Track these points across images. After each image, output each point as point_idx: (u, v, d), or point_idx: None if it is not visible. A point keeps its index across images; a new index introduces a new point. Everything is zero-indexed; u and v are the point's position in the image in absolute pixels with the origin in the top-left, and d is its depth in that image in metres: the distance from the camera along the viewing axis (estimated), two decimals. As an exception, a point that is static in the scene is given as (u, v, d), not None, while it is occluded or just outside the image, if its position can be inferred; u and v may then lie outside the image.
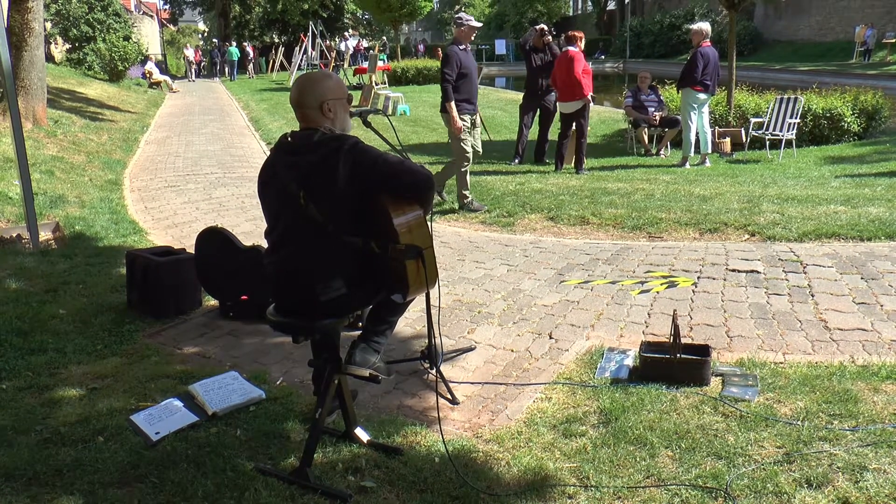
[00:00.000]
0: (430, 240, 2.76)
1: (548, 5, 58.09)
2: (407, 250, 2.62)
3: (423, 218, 2.76)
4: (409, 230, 2.67)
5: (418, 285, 2.73)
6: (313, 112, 2.80)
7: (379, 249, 2.68)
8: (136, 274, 4.75)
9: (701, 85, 9.35)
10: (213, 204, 8.15)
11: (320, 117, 2.81)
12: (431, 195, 2.85)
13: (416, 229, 2.70)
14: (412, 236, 2.67)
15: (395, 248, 2.63)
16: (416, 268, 2.66)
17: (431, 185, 2.80)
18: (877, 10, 34.25)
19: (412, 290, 2.72)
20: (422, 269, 2.67)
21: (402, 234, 2.63)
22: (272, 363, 4.05)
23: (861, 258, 5.02)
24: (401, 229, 2.64)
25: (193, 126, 16.09)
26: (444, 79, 7.23)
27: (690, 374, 3.45)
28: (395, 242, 2.63)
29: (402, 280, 2.68)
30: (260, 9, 47.26)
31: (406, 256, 2.62)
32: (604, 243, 6.10)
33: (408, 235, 2.65)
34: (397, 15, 29.81)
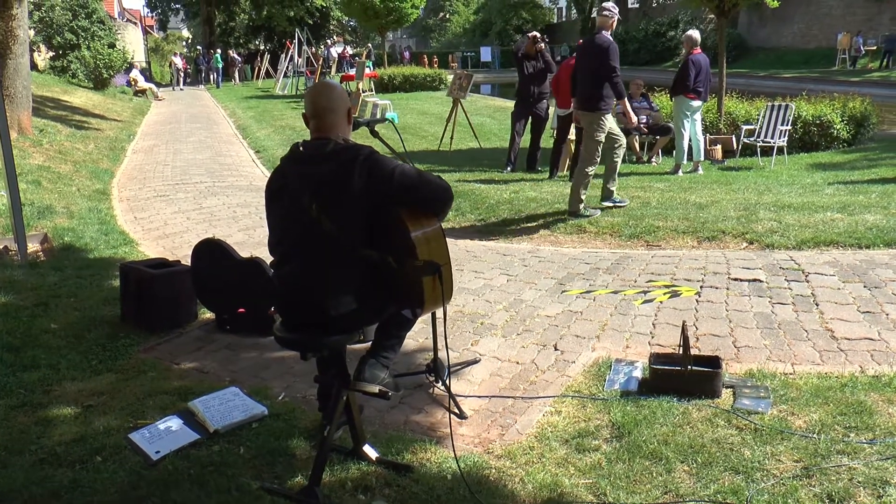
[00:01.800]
0: (448, 255, 2.69)
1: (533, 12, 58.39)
2: (425, 266, 2.55)
3: (441, 231, 2.70)
4: (426, 244, 2.60)
5: (433, 302, 2.66)
6: (340, 119, 2.75)
7: (396, 265, 2.61)
8: (130, 287, 4.65)
9: (694, 92, 9.34)
10: (203, 214, 8.04)
11: (344, 125, 2.76)
12: (449, 207, 2.79)
13: (434, 243, 2.64)
14: (429, 250, 2.60)
15: (412, 263, 2.56)
16: (432, 284, 2.60)
17: (450, 198, 2.74)
18: (857, 17, 34.67)
19: (427, 307, 2.66)
20: (438, 285, 2.60)
21: (419, 249, 2.57)
22: (273, 378, 3.96)
23: (862, 266, 5.00)
24: (418, 243, 2.58)
25: (180, 134, 15.94)
26: (616, 72, 6.78)
27: (702, 386, 3.40)
28: (412, 257, 2.56)
29: (418, 296, 2.61)
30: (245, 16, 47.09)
31: (424, 272, 2.56)
32: (602, 252, 6.06)
33: (425, 249, 2.58)
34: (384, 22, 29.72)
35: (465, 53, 51.26)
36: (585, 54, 7.10)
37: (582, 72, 7.10)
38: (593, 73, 6.89)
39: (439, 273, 2.59)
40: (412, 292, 2.64)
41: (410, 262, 2.56)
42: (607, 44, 6.82)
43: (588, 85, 6.94)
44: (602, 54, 6.77)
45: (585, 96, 6.97)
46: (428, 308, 2.69)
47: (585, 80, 6.99)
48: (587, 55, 7.04)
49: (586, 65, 7.03)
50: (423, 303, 2.62)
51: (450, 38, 73.88)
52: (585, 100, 6.97)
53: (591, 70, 6.92)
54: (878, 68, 30.27)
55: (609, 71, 6.78)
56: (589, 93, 6.91)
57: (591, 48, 6.97)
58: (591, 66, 6.94)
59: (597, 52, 6.84)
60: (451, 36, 74.03)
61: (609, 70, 6.78)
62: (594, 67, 6.88)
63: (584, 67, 7.08)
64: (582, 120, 7.13)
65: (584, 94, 6.98)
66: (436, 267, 2.57)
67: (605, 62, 6.77)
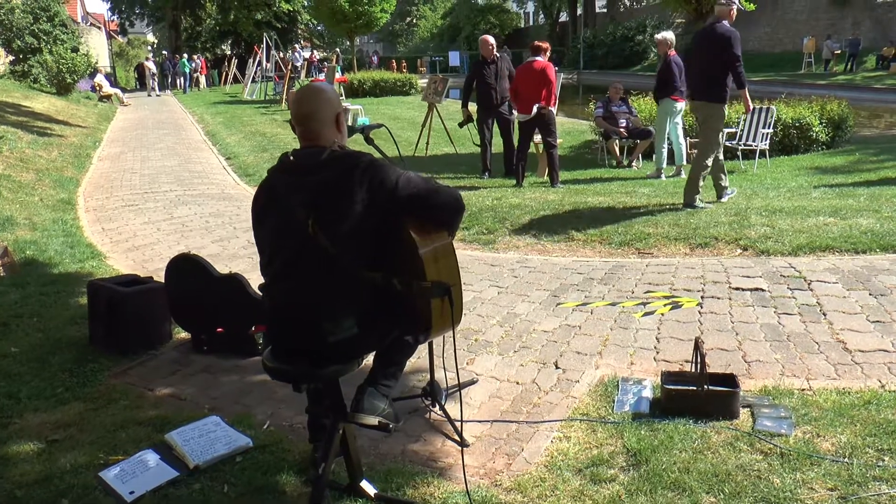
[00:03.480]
0: (458, 273, 2.44)
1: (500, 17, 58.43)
2: (433, 288, 2.30)
3: (451, 247, 2.45)
4: (435, 262, 2.35)
5: (441, 326, 2.42)
6: (327, 127, 2.48)
7: (402, 287, 2.35)
8: (99, 306, 4.33)
9: (678, 93, 9.19)
10: (175, 224, 7.70)
11: (333, 132, 2.49)
12: (460, 219, 2.54)
13: (444, 260, 2.39)
14: (438, 268, 2.35)
15: (420, 285, 2.31)
16: (441, 306, 2.35)
17: (462, 208, 2.49)
18: (822, 22, 35.26)
19: (434, 332, 2.41)
20: (447, 308, 2.36)
21: (427, 266, 2.32)
22: (256, 404, 3.68)
23: (864, 273, 4.86)
24: (427, 261, 2.33)
25: (148, 141, 15.47)
26: (740, 61, 6.69)
27: (719, 406, 3.20)
28: (419, 278, 2.31)
29: (425, 321, 2.37)
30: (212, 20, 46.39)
31: (432, 295, 2.31)
32: (593, 261, 5.86)
33: (433, 267, 2.34)
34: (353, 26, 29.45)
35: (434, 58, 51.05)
36: (703, 45, 6.94)
37: (700, 62, 6.96)
38: (713, 62, 6.76)
39: (449, 295, 2.34)
40: (419, 316, 2.40)
41: (418, 285, 2.32)
42: (730, 33, 6.72)
43: (708, 75, 6.82)
44: (725, 43, 6.67)
45: (705, 86, 6.86)
46: (435, 333, 2.44)
47: (704, 71, 6.87)
48: (705, 45, 6.89)
49: (705, 55, 6.87)
50: (430, 328, 2.38)
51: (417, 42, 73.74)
52: (705, 90, 6.86)
53: (711, 60, 6.78)
54: (842, 71, 30.72)
55: (733, 59, 6.69)
56: (709, 82, 6.81)
57: (711, 38, 6.83)
58: (710, 55, 6.79)
59: (719, 41, 6.71)
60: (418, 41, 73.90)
61: (733, 59, 6.69)
62: (714, 57, 6.75)
63: (702, 58, 6.92)
64: (700, 110, 7.04)
65: (704, 84, 6.88)
66: (445, 288, 2.33)
67: (729, 51, 6.67)
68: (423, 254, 2.33)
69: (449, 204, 2.45)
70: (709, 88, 6.82)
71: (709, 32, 6.95)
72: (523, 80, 8.94)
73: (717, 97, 6.80)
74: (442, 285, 2.32)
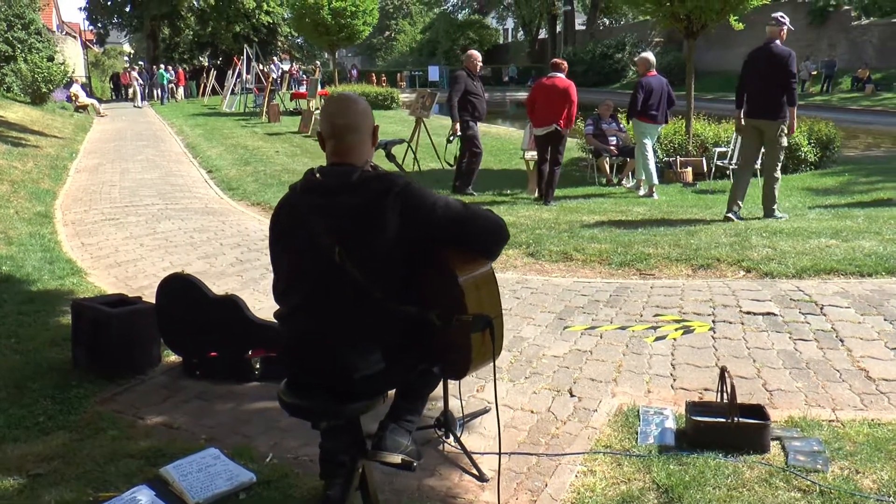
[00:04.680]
0: (500, 303, 2.26)
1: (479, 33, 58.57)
2: (475, 321, 2.11)
3: (493, 275, 2.27)
4: (476, 291, 2.17)
5: (481, 361, 2.23)
6: (364, 140, 2.30)
7: (440, 321, 2.16)
8: (83, 327, 4.08)
9: (646, 115, 9.33)
10: (158, 239, 7.43)
11: (369, 147, 2.31)
12: (503, 246, 2.36)
13: (485, 289, 2.21)
14: (480, 299, 2.17)
15: (460, 319, 2.11)
16: (481, 340, 2.16)
17: (507, 235, 2.31)
18: (799, 43, 35.66)
19: (473, 367, 2.22)
20: (488, 342, 2.17)
21: (468, 296, 2.13)
22: (256, 434, 3.46)
23: (875, 297, 4.76)
24: (467, 291, 2.14)
25: (127, 152, 15.13)
26: (794, 78, 7.02)
27: (749, 439, 3.05)
28: (459, 309, 2.12)
29: (463, 356, 2.18)
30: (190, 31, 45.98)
31: (473, 329, 2.12)
32: (595, 282, 5.71)
33: (475, 298, 2.15)
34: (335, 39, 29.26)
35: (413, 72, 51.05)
36: (760, 64, 7.17)
37: (757, 82, 7.18)
38: (772, 81, 7.02)
39: (491, 328, 2.16)
40: (457, 352, 2.21)
41: (458, 319, 2.12)
42: (786, 52, 7.01)
43: (768, 94, 7.08)
44: (782, 62, 6.96)
45: (767, 105, 7.12)
46: (473, 369, 2.26)
47: (764, 90, 7.11)
48: (762, 65, 7.14)
49: (762, 74, 7.12)
50: (468, 363, 2.19)
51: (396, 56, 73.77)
52: (767, 108, 7.12)
53: (770, 79, 7.04)
54: (819, 92, 31.18)
55: (789, 77, 6.99)
56: (771, 101, 7.09)
57: (768, 58, 7.08)
58: (768, 75, 7.06)
59: (776, 60, 6.98)
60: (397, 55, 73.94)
61: (789, 76, 6.98)
62: (773, 76, 7.01)
63: (760, 77, 7.15)
64: (762, 128, 7.25)
65: (765, 102, 7.14)
66: (487, 321, 2.14)
67: (786, 70, 6.95)
68: (462, 283, 2.14)
69: (492, 232, 2.27)
70: (768, 106, 7.09)
71: (765, 53, 7.16)
72: (544, 96, 8.92)
73: (780, 114, 7.08)
74: (483, 318, 2.14)
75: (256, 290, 5.80)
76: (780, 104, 7.04)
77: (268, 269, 6.37)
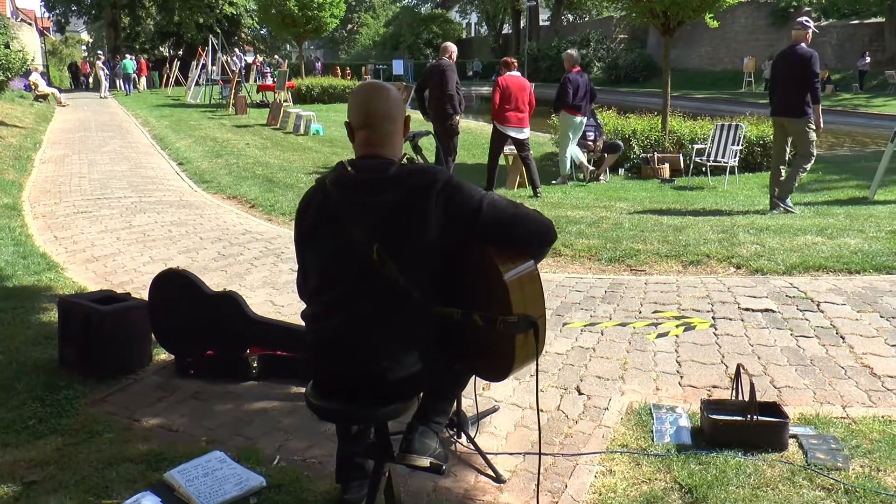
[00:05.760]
0: (543, 303, 2.18)
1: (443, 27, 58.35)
2: (520, 322, 2.03)
3: (537, 271, 2.18)
4: (520, 290, 2.08)
5: (522, 362, 2.15)
6: (398, 130, 2.19)
7: (484, 323, 2.07)
8: (73, 325, 3.90)
9: (574, 108, 10.01)
10: (135, 233, 7.20)
11: (400, 139, 2.21)
12: (548, 249, 2.28)
13: (529, 287, 2.12)
14: (524, 297, 2.08)
15: (506, 321, 2.03)
16: (524, 341, 2.09)
17: (555, 237, 2.22)
18: (760, 42, 36.46)
19: (516, 368, 2.15)
20: (531, 342, 2.09)
21: (513, 296, 2.04)
22: (260, 436, 3.34)
23: (868, 294, 4.81)
24: (512, 290, 2.05)
25: (92, 144, 14.71)
26: (817, 77, 7.32)
27: (767, 437, 3.03)
28: (504, 309, 2.04)
29: (505, 357, 2.10)
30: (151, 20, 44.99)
31: (518, 330, 2.04)
32: (587, 278, 5.68)
33: (519, 296, 2.07)
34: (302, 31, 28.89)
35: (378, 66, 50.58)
36: (786, 66, 7.58)
37: (784, 81, 7.59)
38: (797, 81, 7.38)
39: (535, 329, 2.08)
40: (498, 353, 2.12)
41: (503, 321, 2.04)
42: (810, 54, 7.37)
43: (794, 93, 7.41)
44: (806, 63, 7.31)
45: (792, 104, 7.45)
46: (515, 371, 2.18)
47: (790, 89, 7.47)
48: (788, 66, 7.53)
49: (788, 74, 7.51)
50: (511, 365, 2.11)
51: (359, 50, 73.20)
52: (793, 107, 7.46)
53: (794, 79, 7.41)
54: (781, 91, 31.71)
55: (812, 77, 7.32)
56: (796, 100, 7.40)
57: (793, 59, 7.46)
58: (793, 75, 7.43)
59: (801, 61, 7.36)
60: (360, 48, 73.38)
61: (812, 76, 7.32)
62: (798, 76, 7.37)
63: (786, 77, 7.56)
64: (790, 126, 7.60)
65: (791, 101, 7.47)
66: (531, 322, 2.07)
67: (809, 69, 7.30)
68: (508, 281, 2.05)
69: (539, 233, 2.17)
70: (794, 105, 7.43)
71: (790, 54, 7.55)
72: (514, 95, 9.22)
73: (805, 112, 7.39)
74: (528, 318, 2.06)
75: (242, 285, 5.65)
76: (804, 102, 7.33)
77: (252, 263, 6.25)
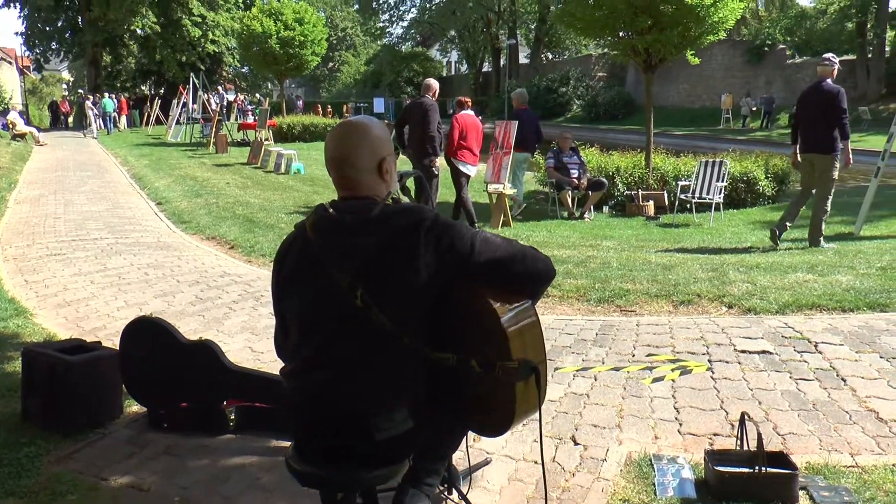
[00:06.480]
0: (544, 347, 2.03)
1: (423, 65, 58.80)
2: (520, 369, 1.88)
3: (536, 315, 2.03)
4: (520, 336, 1.93)
5: (524, 413, 1.99)
6: (367, 175, 2.03)
7: (481, 369, 1.92)
8: (37, 377, 3.68)
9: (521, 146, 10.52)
10: (110, 276, 6.97)
11: (377, 182, 2.04)
12: (546, 288, 2.13)
13: (529, 333, 1.97)
14: (524, 343, 1.93)
15: (506, 367, 1.88)
16: (524, 390, 1.93)
17: (552, 275, 2.08)
18: (737, 80, 37.09)
19: (517, 419, 1.98)
20: (533, 390, 1.94)
21: (513, 342, 1.89)
22: (237, 494, 3.12)
23: (865, 334, 4.70)
24: (512, 335, 1.90)
25: (70, 183, 14.46)
26: (846, 114, 7.32)
27: (776, 490, 2.86)
28: (502, 356, 1.89)
29: (505, 407, 1.94)
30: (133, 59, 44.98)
31: (518, 377, 1.88)
32: (576, 319, 5.54)
33: (519, 342, 1.92)
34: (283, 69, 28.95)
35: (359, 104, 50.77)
36: (812, 102, 7.55)
37: (810, 118, 7.55)
38: (822, 117, 7.37)
39: (537, 375, 1.93)
40: (498, 404, 1.96)
41: (503, 366, 1.89)
42: (836, 90, 7.36)
43: (821, 129, 7.40)
44: (833, 99, 7.30)
45: (819, 140, 7.44)
46: (516, 422, 2.01)
47: (817, 126, 7.44)
48: (814, 102, 7.50)
49: (814, 111, 7.49)
50: (512, 416, 1.95)
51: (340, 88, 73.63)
52: (819, 143, 7.45)
53: (820, 115, 7.40)
54: (759, 128, 32.24)
55: (839, 113, 7.30)
56: (822, 136, 7.40)
57: (819, 95, 7.44)
58: (818, 111, 7.42)
59: (827, 98, 7.34)
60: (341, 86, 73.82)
61: (840, 112, 7.30)
62: (822, 112, 7.37)
63: (812, 114, 7.52)
64: (817, 163, 7.52)
65: (817, 138, 7.46)
66: (532, 367, 1.91)
67: (836, 106, 7.29)
68: (506, 326, 1.90)
69: (537, 273, 2.03)
70: (820, 141, 7.43)
71: (816, 91, 7.54)
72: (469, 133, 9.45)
73: (832, 148, 7.38)
74: (529, 364, 1.91)
75: (220, 330, 5.44)
76: (832, 139, 7.35)
77: (230, 308, 6.04)
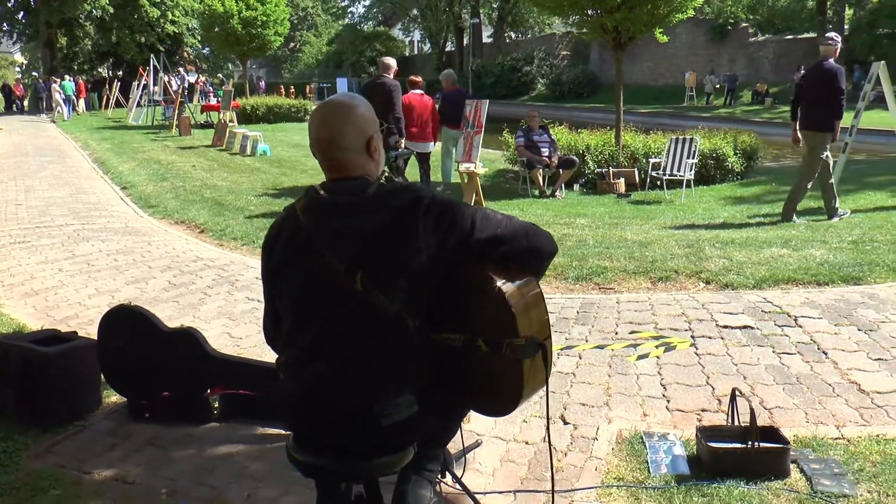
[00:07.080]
0: (549, 324, 2.00)
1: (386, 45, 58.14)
2: (527, 346, 1.85)
3: (541, 292, 2.00)
4: (526, 312, 1.91)
5: (531, 390, 1.98)
6: (356, 156, 1.95)
7: (488, 348, 1.88)
8: (11, 369, 3.56)
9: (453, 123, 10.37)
10: (78, 263, 6.79)
11: (366, 161, 1.97)
12: (549, 263, 2.09)
13: (534, 309, 1.94)
14: (530, 320, 1.91)
15: (513, 345, 1.85)
16: (531, 367, 1.90)
17: (555, 251, 2.04)
18: (700, 58, 37.34)
19: (524, 397, 1.96)
20: (540, 367, 1.92)
21: (519, 319, 1.86)
22: (225, 485, 3.06)
23: (842, 307, 4.77)
24: (518, 312, 1.87)
25: (29, 169, 14.05)
26: (843, 93, 7.43)
27: (769, 465, 2.89)
28: (509, 334, 1.86)
29: (513, 386, 1.91)
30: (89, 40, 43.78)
31: (525, 354, 1.86)
32: (556, 297, 5.53)
33: (525, 319, 1.89)
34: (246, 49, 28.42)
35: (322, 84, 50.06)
36: (815, 80, 7.68)
37: (811, 96, 7.66)
38: (821, 95, 7.49)
39: (544, 352, 1.90)
40: (505, 383, 1.93)
41: (510, 344, 1.86)
42: (836, 69, 7.50)
43: (820, 107, 7.51)
44: (833, 79, 7.42)
45: (818, 118, 7.55)
46: (524, 400, 1.99)
47: (813, 103, 7.58)
48: (818, 81, 7.61)
49: (814, 89, 7.62)
50: (520, 394, 1.93)
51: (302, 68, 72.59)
52: (817, 121, 7.55)
53: (819, 93, 7.52)
54: (722, 105, 32.57)
55: (837, 92, 7.42)
56: (821, 114, 7.51)
57: (821, 74, 7.55)
58: (817, 89, 7.55)
59: (828, 76, 7.45)
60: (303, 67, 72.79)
61: (837, 91, 7.42)
62: (822, 90, 7.48)
63: (814, 92, 7.63)
64: (810, 139, 7.66)
65: (816, 115, 7.57)
66: (539, 344, 1.89)
67: (835, 84, 7.40)
68: (512, 304, 1.87)
69: (540, 248, 1.98)
70: (817, 119, 7.55)
71: (818, 69, 7.67)
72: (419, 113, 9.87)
73: (829, 127, 7.50)
74: (535, 341, 1.88)
75: (197, 316, 5.33)
76: (829, 116, 7.46)
77: (205, 293, 5.93)
